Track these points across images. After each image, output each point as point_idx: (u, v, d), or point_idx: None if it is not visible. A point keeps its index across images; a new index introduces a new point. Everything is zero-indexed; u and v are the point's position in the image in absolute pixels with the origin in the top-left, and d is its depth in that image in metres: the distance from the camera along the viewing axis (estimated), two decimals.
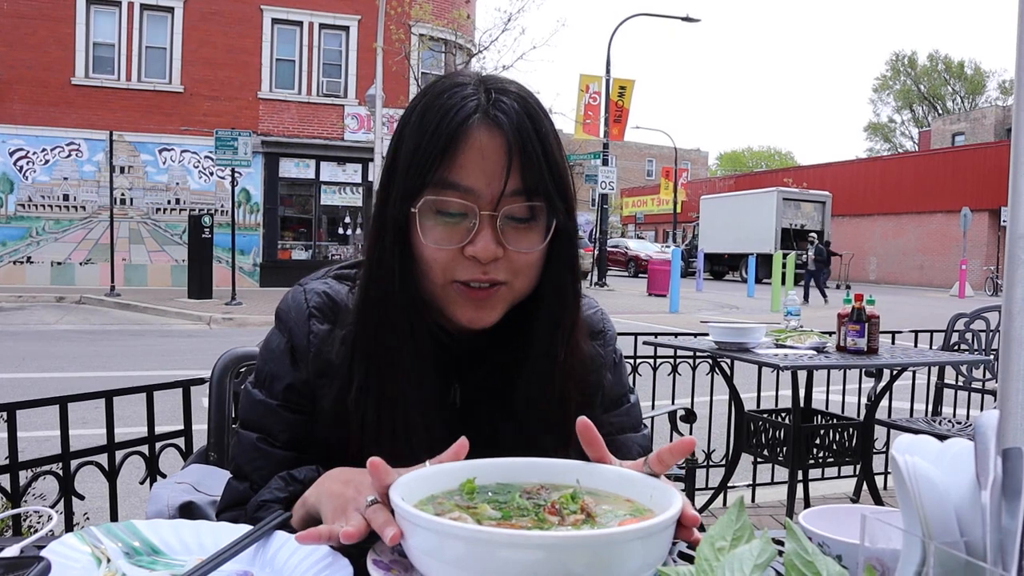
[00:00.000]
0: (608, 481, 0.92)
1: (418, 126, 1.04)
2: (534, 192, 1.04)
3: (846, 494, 4.73)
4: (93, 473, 2.22)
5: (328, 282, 1.21)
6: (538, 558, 0.71)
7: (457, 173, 1.02)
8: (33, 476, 2.14)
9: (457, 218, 1.03)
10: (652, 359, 4.51)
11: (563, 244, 1.09)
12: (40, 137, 19.19)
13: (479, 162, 1.02)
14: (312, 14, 21.22)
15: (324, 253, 21.49)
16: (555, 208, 1.06)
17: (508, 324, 1.12)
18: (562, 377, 1.12)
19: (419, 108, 1.06)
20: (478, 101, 1.03)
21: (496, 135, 1.02)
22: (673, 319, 15.17)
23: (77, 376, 8.18)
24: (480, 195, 1.02)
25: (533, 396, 1.12)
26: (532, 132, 1.04)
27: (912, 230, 34.77)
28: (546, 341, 1.11)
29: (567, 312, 1.13)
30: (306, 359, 1.14)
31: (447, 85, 1.06)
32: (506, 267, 1.05)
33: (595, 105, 25.33)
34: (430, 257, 1.04)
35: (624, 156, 59.16)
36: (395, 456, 0.90)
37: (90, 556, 0.86)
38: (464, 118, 1.02)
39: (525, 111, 1.05)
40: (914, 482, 0.65)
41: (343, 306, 1.17)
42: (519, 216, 1.04)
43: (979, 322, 4.64)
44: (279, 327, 1.19)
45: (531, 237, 1.06)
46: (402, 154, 1.06)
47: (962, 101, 61.10)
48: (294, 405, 1.15)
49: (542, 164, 1.04)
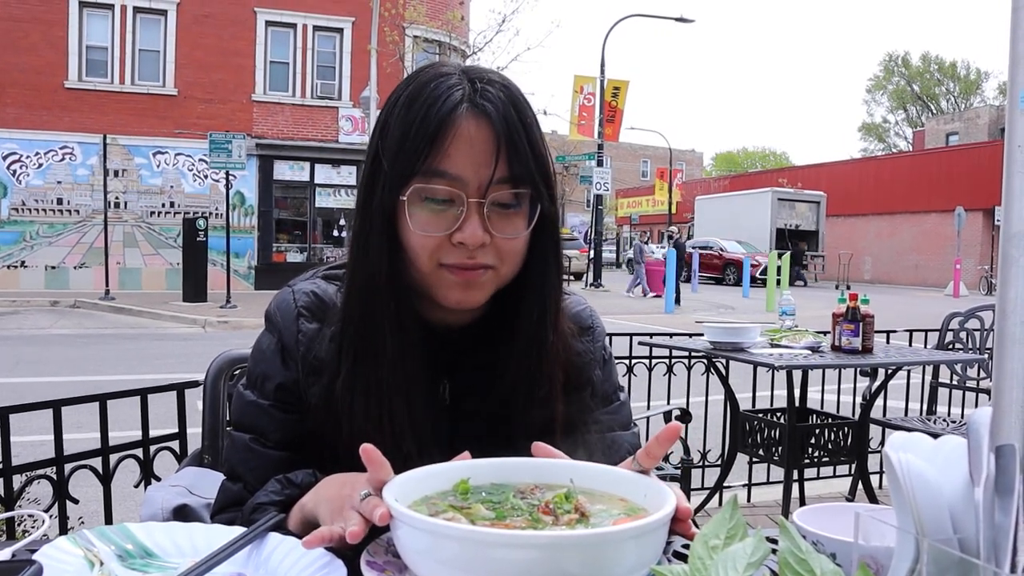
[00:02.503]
0: (602, 480, 0.92)
1: (404, 115, 1.06)
2: (520, 179, 1.06)
3: (841, 493, 4.73)
4: (88, 477, 2.21)
5: (316, 282, 1.22)
6: (532, 558, 0.71)
7: (445, 161, 1.03)
8: (27, 480, 2.13)
9: (444, 205, 1.05)
10: (647, 359, 4.52)
11: (547, 229, 1.12)
12: (33, 141, 19.13)
13: (467, 150, 1.04)
14: (306, 16, 21.20)
15: (319, 255, 21.45)
16: (540, 195, 1.09)
17: (494, 315, 1.14)
18: (550, 360, 1.15)
19: (403, 98, 1.08)
20: (464, 91, 1.05)
21: (483, 124, 1.04)
22: (668, 319, 15.19)
23: (72, 380, 8.16)
24: (467, 183, 1.04)
25: (522, 382, 1.14)
26: (518, 121, 1.06)
27: (907, 230, 34.83)
28: (533, 325, 1.13)
29: (552, 295, 1.15)
30: (296, 358, 1.15)
31: (431, 75, 1.08)
32: (493, 253, 1.07)
33: (589, 106, 25.36)
34: (417, 244, 1.06)
35: (619, 157, 59.21)
36: (380, 446, 0.91)
37: (83, 559, 0.86)
38: (452, 107, 1.04)
39: (511, 100, 1.07)
40: (907, 479, 0.65)
41: (331, 305, 1.17)
42: (504, 203, 1.07)
43: (973, 321, 4.65)
44: (268, 328, 1.20)
45: (516, 223, 1.08)
46: (388, 143, 1.07)
47: (956, 101, 61.27)
48: (286, 405, 1.15)
49: (528, 152, 1.06)
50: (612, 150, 46.44)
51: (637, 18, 26.40)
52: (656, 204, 46.29)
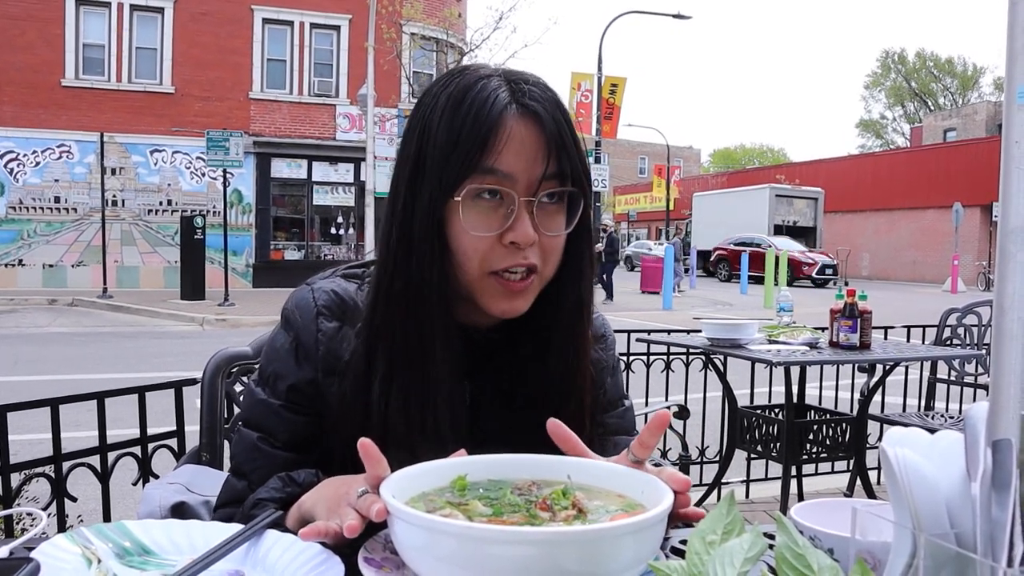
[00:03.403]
0: (599, 476, 0.92)
1: (451, 118, 1.06)
2: (568, 177, 1.08)
3: (840, 489, 4.74)
4: (86, 475, 2.21)
5: (336, 281, 1.21)
6: (529, 554, 0.71)
7: (498, 161, 1.04)
8: (25, 478, 2.13)
9: (495, 205, 1.06)
10: (645, 356, 4.52)
11: (585, 226, 1.13)
12: (30, 139, 19.11)
13: (519, 150, 1.05)
14: (303, 14, 21.17)
15: (317, 253, 21.46)
16: (585, 192, 1.11)
17: (521, 317, 1.14)
18: (585, 358, 1.17)
19: (446, 100, 1.07)
20: (510, 92, 1.06)
21: (532, 124, 1.06)
22: (666, 316, 15.19)
23: (70, 379, 8.15)
24: (518, 182, 1.05)
25: (556, 381, 1.15)
26: (564, 121, 1.08)
27: (905, 226, 34.86)
28: (571, 322, 1.15)
29: (587, 293, 1.17)
30: (314, 358, 1.14)
31: (474, 78, 1.08)
32: (538, 251, 1.08)
33: (587, 103, 25.33)
34: (469, 246, 1.06)
35: (616, 154, 59.21)
36: (418, 451, 0.92)
37: (80, 557, 0.86)
38: (502, 108, 1.05)
39: (555, 102, 1.09)
40: (904, 475, 0.65)
41: (352, 304, 1.17)
42: (548, 201, 1.09)
43: (971, 317, 4.65)
44: (284, 327, 1.19)
45: (559, 220, 1.10)
46: (434, 147, 1.06)
47: (953, 97, 61.28)
48: (297, 406, 1.15)
49: (574, 151, 1.08)
50: (610, 147, 46.43)
51: (634, 15, 26.39)
52: (654, 201, 46.31)
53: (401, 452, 0.90)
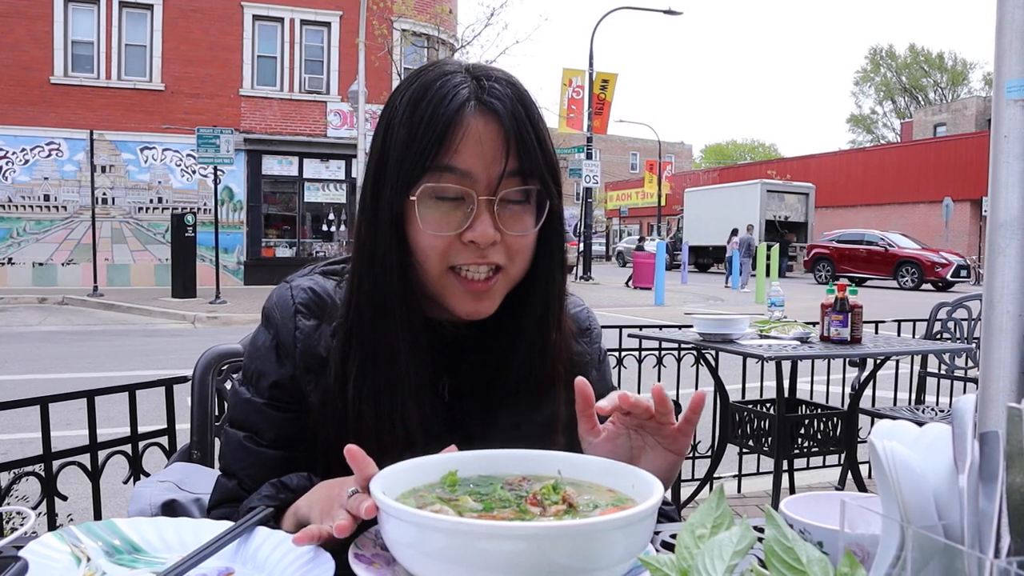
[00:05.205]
0: (590, 471, 0.92)
1: (410, 115, 1.05)
2: (530, 175, 1.06)
3: (831, 483, 4.75)
4: (76, 474, 2.20)
5: (314, 278, 1.21)
6: (519, 549, 0.71)
7: (455, 159, 1.03)
8: (15, 477, 2.11)
9: (454, 204, 1.05)
10: (637, 351, 4.52)
11: (553, 226, 1.12)
12: (19, 137, 19.01)
13: (476, 148, 1.03)
14: (293, 10, 21.10)
15: (308, 250, 21.40)
16: (549, 190, 1.09)
17: (497, 313, 1.13)
18: (554, 356, 1.15)
19: (408, 98, 1.06)
20: (470, 88, 1.05)
21: (491, 121, 1.04)
22: (658, 312, 15.21)
23: (61, 377, 8.12)
24: (477, 180, 1.03)
25: (525, 379, 1.14)
26: (525, 117, 1.06)
27: (895, 220, 34.94)
28: (538, 323, 1.14)
29: (557, 292, 1.15)
30: (292, 355, 1.14)
31: (436, 74, 1.07)
32: (503, 251, 1.07)
33: (578, 99, 25.36)
34: (427, 245, 1.05)
35: (608, 150, 59.19)
36: (390, 448, 0.91)
37: (70, 555, 0.85)
38: (459, 105, 1.03)
39: (517, 97, 1.07)
40: (892, 467, 0.65)
41: (330, 301, 1.17)
42: (514, 200, 1.07)
43: (961, 311, 4.67)
44: (265, 324, 1.19)
45: (525, 220, 1.08)
46: (394, 144, 1.06)
47: (943, 92, 61.48)
48: (280, 403, 1.15)
49: (536, 148, 1.06)
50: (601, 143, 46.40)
51: (625, 11, 26.44)
52: (645, 197, 46.36)
53: (371, 449, 0.89)
